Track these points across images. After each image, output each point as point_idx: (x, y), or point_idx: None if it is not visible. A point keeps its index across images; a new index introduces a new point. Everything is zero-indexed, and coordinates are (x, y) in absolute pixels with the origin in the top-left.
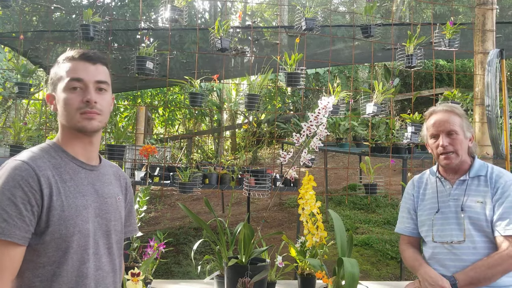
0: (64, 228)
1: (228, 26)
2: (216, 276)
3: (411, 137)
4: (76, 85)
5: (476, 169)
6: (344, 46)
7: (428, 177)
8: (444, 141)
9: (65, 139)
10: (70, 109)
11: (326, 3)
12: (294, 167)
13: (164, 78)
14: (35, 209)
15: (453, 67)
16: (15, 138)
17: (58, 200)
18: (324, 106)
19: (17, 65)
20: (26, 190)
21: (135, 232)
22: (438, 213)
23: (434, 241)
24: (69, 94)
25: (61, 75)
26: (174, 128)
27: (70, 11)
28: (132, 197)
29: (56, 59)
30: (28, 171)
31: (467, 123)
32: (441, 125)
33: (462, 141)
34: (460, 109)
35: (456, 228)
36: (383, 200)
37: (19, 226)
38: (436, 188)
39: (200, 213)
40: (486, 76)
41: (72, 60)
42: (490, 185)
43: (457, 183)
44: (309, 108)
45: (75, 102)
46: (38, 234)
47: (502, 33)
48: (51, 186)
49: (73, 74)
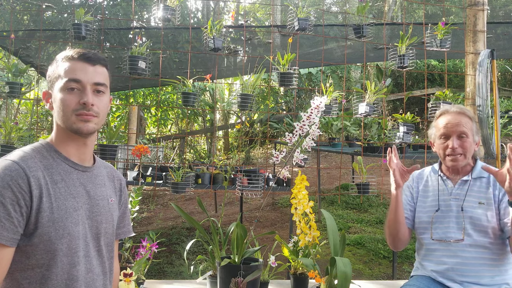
0: (53, 230)
1: (221, 26)
2: (209, 276)
3: (403, 137)
4: (74, 86)
5: (478, 171)
6: (337, 46)
7: (429, 174)
8: (454, 143)
9: (59, 139)
10: (66, 110)
11: (319, 3)
12: (287, 167)
13: (157, 77)
14: (24, 210)
15: (445, 67)
16: (5, 138)
17: (47, 202)
18: (316, 106)
19: (8, 64)
20: (15, 190)
21: (130, 233)
22: (438, 211)
23: (432, 239)
24: (66, 94)
25: (59, 74)
26: (167, 128)
27: (61, 10)
28: (126, 198)
29: (55, 57)
30: (18, 171)
31: (476, 127)
32: (453, 127)
33: (471, 145)
34: (471, 112)
35: (455, 227)
36: (376, 199)
37: (7, 227)
38: (438, 186)
39: (193, 213)
40: (477, 76)
41: (71, 59)
42: (493, 186)
43: (459, 183)
44: (302, 108)
45: (71, 103)
46: (27, 235)
47: (493, 33)
48: (41, 187)
49: (71, 75)
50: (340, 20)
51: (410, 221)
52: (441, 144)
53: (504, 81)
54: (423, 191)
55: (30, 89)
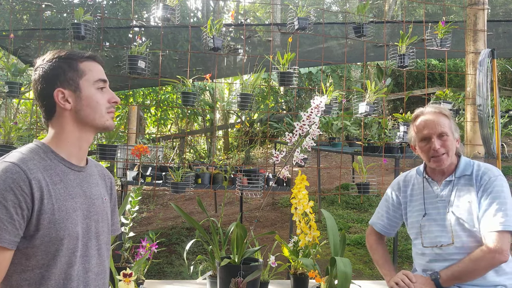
0: (54, 232)
1: (220, 25)
2: (208, 276)
3: (404, 137)
4: (102, 85)
5: (462, 169)
6: (337, 43)
7: (415, 177)
8: (436, 144)
9: (63, 140)
10: (101, 108)
11: (319, 2)
12: (287, 166)
13: (156, 77)
14: (25, 213)
15: (445, 66)
16: (5, 138)
17: (49, 204)
18: (316, 106)
19: (7, 64)
20: (17, 193)
21: (118, 231)
22: (425, 216)
23: (424, 246)
24: (99, 94)
25: (84, 71)
26: (167, 127)
27: (61, 9)
28: (115, 196)
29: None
30: (19, 174)
31: (454, 124)
32: (432, 128)
33: (452, 142)
34: (447, 110)
35: (444, 230)
36: (376, 199)
37: (9, 230)
38: (423, 189)
39: (192, 213)
40: (477, 76)
41: (92, 60)
42: (475, 183)
43: (444, 184)
44: (302, 108)
45: (105, 102)
46: (27, 237)
47: (493, 31)
48: (42, 189)
49: (100, 75)
50: (341, 19)
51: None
52: (423, 146)
53: (504, 80)
54: (411, 195)
55: (30, 89)
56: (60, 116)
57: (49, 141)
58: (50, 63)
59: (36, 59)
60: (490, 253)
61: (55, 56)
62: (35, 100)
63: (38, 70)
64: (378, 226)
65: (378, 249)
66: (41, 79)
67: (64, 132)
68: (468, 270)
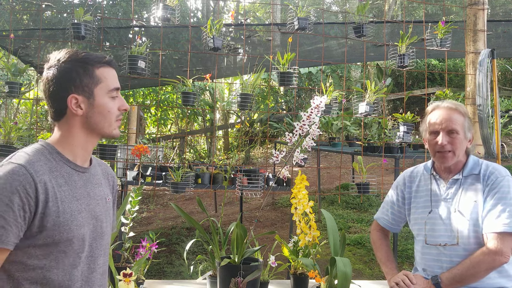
0: (58, 234)
1: (220, 25)
2: (208, 276)
3: (403, 137)
4: (115, 94)
5: (469, 168)
6: (337, 43)
7: (422, 173)
8: (443, 140)
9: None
10: (111, 117)
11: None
12: (286, 166)
13: (157, 77)
14: (27, 215)
15: (445, 66)
16: (5, 138)
17: (54, 206)
18: (316, 106)
19: (8, 64)
20: (22, 196)
21: (114, 229)
22: (431, 213)
23: (426, 244)
24: (111, 102)
25: (100, 79)
26: (167, 127)
27: (61, 9)
28: (115, 195)
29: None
30: (26, 176)
31: (469, 123)
32: (443, 123)
33: (462, 141)
34: (464, 108)
35: (449, 229)
36: (376, 199)
37: (14, 232)
38: (430, 186)
39: (192, 213)
40: (477, 76)
41: (108, 65)
42: (482, 183)
43: (450, 182)
44: (302, 108)
45: (116, 111)
46: (29, 237)
47: (493, 31)
48: (48, 192)
49: (115, 83)
50: (341, 19)
51: (390, 224)
52: (431, 140)
53: (504, 80)
54: (416, 191)
55: (30, 89)
56: (69, 119)
57: (55, 142)
58: (65, 65)
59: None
60: (490, 255)
61: (71, 58)
62: (44, 99)
63: (52, 69)
64: (383, 221)
65: (381, 246)
66: (55, 80)
67: (70, 135)
68: (469, 273)
